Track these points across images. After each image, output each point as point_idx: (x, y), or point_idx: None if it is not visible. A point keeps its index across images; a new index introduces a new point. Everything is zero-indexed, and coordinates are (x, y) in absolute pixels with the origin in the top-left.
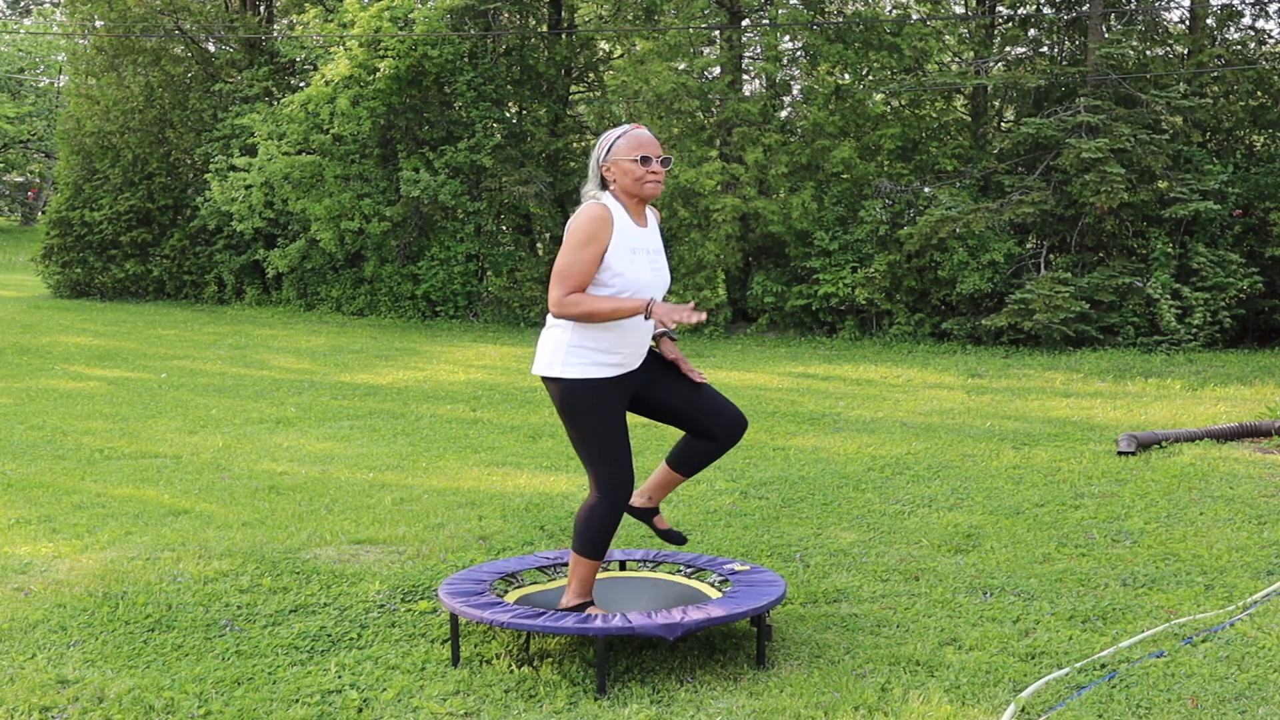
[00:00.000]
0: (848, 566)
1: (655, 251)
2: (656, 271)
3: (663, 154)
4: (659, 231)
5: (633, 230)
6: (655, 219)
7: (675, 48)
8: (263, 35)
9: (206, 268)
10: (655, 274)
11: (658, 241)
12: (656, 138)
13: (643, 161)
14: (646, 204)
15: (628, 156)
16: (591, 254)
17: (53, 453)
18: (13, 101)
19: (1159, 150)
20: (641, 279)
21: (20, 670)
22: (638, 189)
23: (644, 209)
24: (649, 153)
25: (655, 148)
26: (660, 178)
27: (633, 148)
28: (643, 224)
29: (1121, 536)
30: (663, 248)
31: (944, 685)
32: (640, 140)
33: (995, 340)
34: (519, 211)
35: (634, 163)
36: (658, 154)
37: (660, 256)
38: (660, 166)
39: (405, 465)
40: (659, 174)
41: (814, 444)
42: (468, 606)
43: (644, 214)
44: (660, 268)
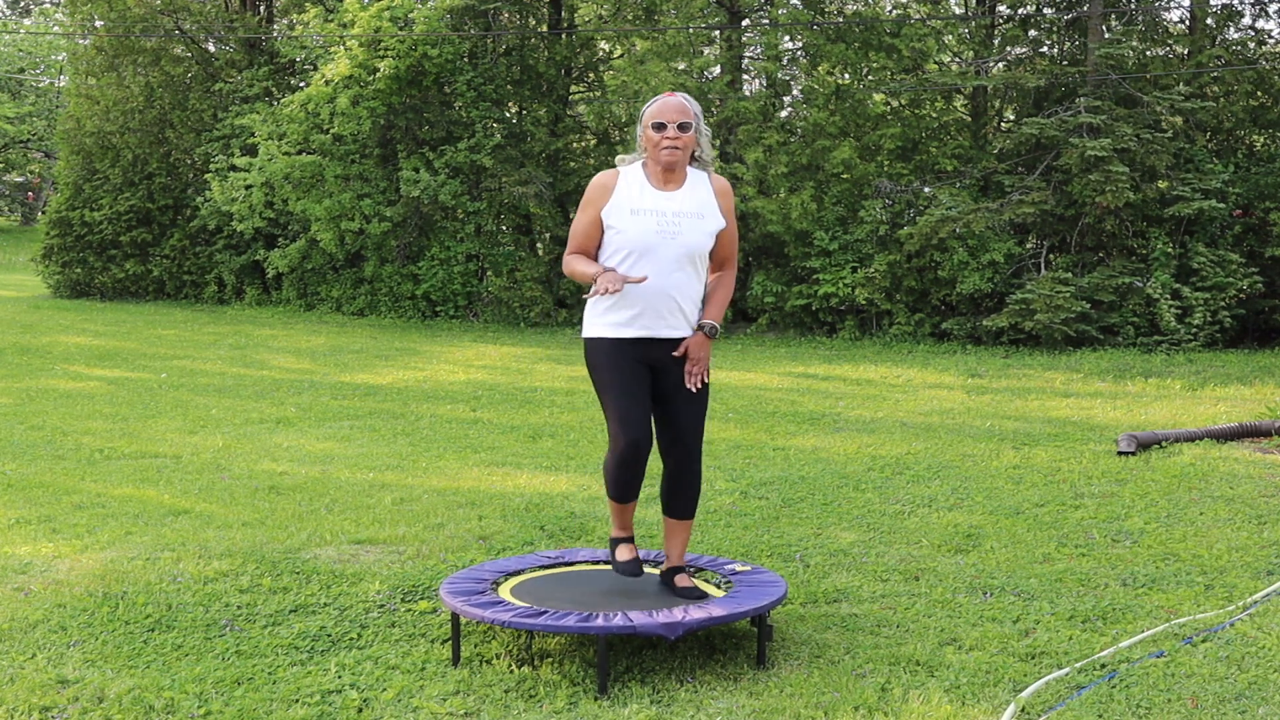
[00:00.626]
0: (848, 566)
1: (676, 214)
2: (666, 235)
3: (680, 119)
4: (707, 199)
5: (644, 193)
6: (705, 187)
7: (675, 48)
8: (263, 35)
9: (206, 268)
10: (662, 236)
11: (687, 205)
12: (689, 102)
13: (656, 128)
14: (674, 169)
15: (647, 123)
16: (587, 217)
17: (53, 453)
18: (13, 101)
19: (1160, 150)
20: (642, 239)
21: (20, 670)
22: (655, 155)
23: (675, 174)
24: (664, 118)
25: (672, 113)
26: (676, 142)
27: (651, 115)
28: (669, 187)
29: (1121, 536)
30: (705, 213)
31: (944, 685)
32: (660, 107)
33: (995, 340)
34: (519, 211)
35: (652, 129)
36: (673, 119)
37: (682, 220)
38: (678, 132)
39: (405, 465)
40: (673, 139)
41: (814, 444)
42: (468, 606)
43: (676, 179)
44: (675, 231)
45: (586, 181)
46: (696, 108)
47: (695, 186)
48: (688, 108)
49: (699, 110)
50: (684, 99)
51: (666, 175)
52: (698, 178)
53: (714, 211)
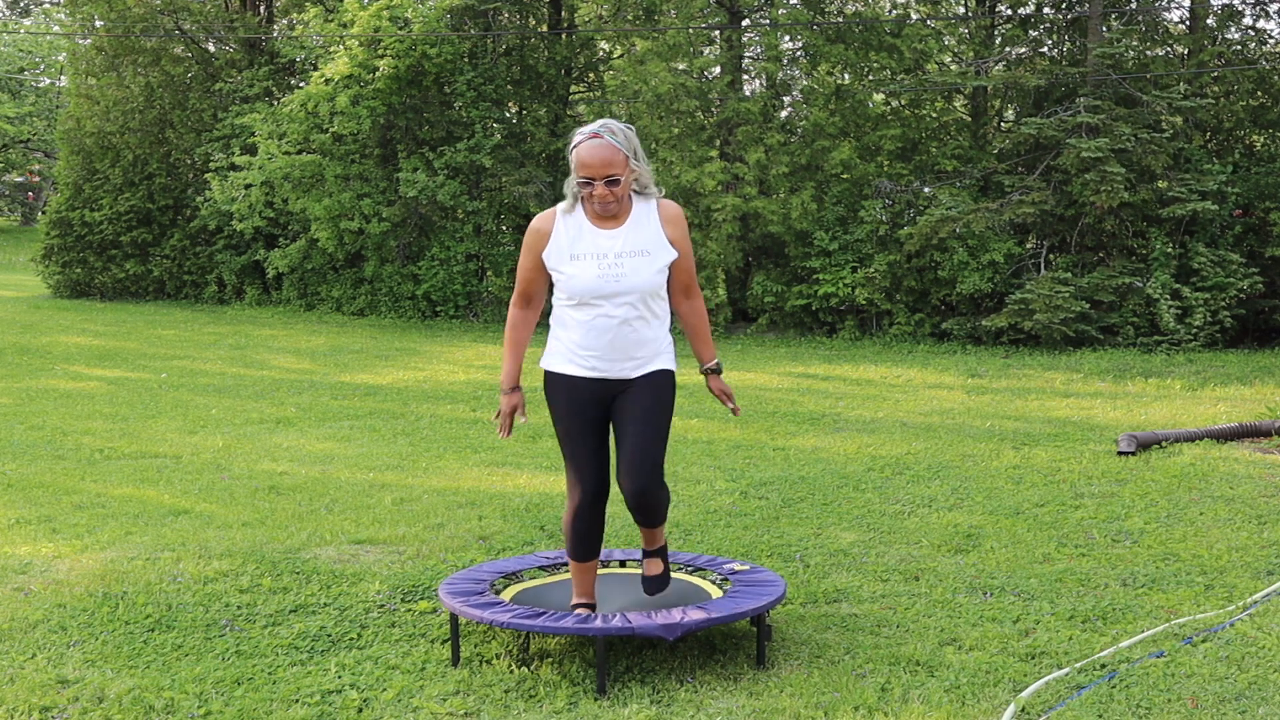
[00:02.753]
0: (848, 566)
1: (619, 256)
2: (609, 279)
3: (607, 173)
4: (653, 234)
5: (583, 235)
6: (651, 219)
7: (675, 48)
8: (263, 35)
9: (207, 268)
10: (605, 281)
11: (631, 243)
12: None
13: (582, 184)
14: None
15: (575, 170)
16: (528, 262)
17: (53, 453)
18: (13, 101)
19: (1159, 150)
20: (583, 284)
21: (20, 670)
22: (588, 205)
23: (619, 218)
24: (590, 174)
25: (598, 167)
26: (607, 199)
27: (576, 166)
28: (609, 226)
29: (1121, 536)
30: (652, 248)
31: (944, 685)
32: (584, 158)
33: (995, 340)
34: (519, 211)
35: (578, 184)
36: (600, 175)
37: (625, 261)
38: (606, 190)
39: (405, 465)
40: (604, 196)
41: (814, 444)
42: (468, 606)
43: (619, 221)
44: (619, 275)
45: None
46: (629, 143)
47: (640, 220)
48: (615, 152)
49: (633, 144)
50: (609, 140)
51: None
52: (643, 209)
53: (661, 246)
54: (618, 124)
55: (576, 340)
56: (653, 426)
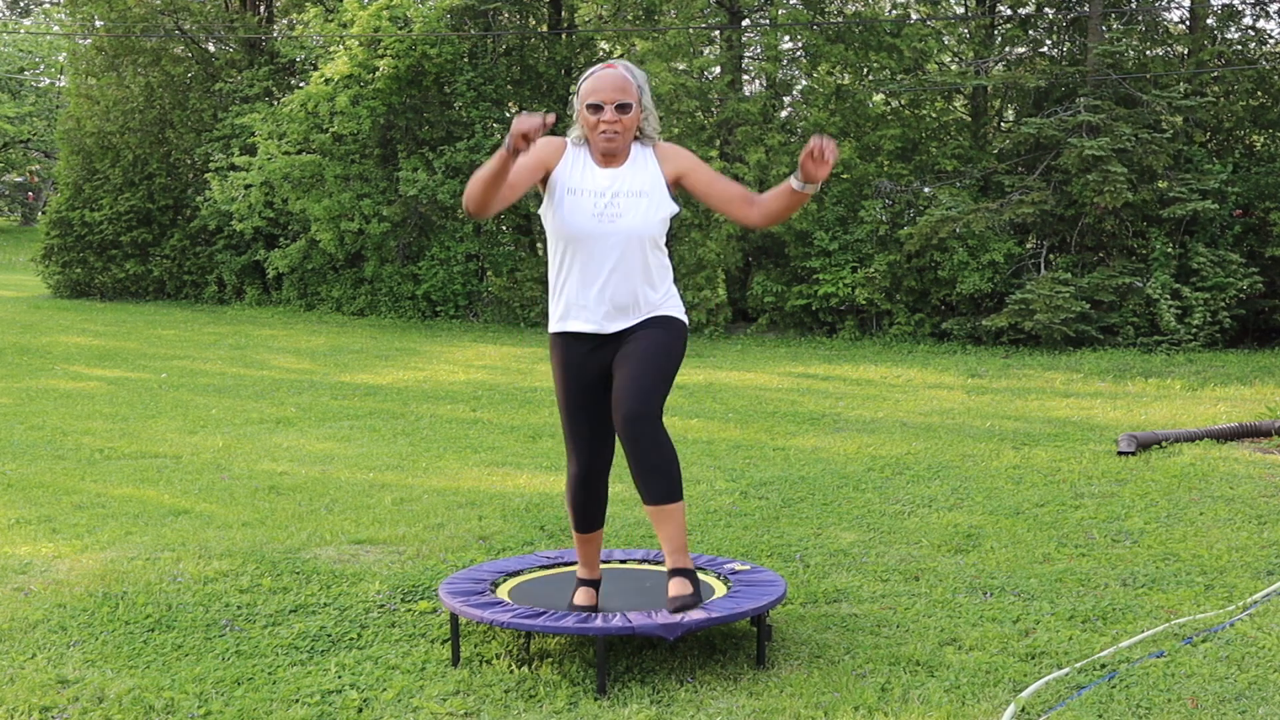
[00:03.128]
0: (848, 566)
1: (615, 195)
2: (604, 219)
3: (619, 99)
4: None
5: (583, 171)
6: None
7: (675, 48)
8: (263, 35)
9: (207, 268)
10: (599, 220)
11: (629, 183)
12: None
13: (592, 110)
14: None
15: (582, 101)
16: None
17: (53, 453)
18: (13, 101)
19: (1159, 150)
20: (577, 224)
21: (20, 670)
22: (593, 138)
23: (618, 158)
24: (600, 98)
25: (609, 91)
26: (615, 126)
27: (586, 93)
28: (610, 164)
29: (1121, 536)
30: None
31: (944, 685)
32: (596, 84)
33: (995, 340)
34: (519, 211)
35: (587, 110)
36: (610, 99)
37: (621, 201)
38: (615, 114)
39: (405, 465)
40: (611, 123)
41: (814, 444)
42: (468, 606)
43: (618, 160)
44: (615, 214)
45: None
46: (640, 78)
47: (639, 161)
48: (628, 83)
49: (643, 81)
50: (624, 70)
51: (607, 157)
52: (642, 151)
53: (659, 189)
54: (633, 64)
55: (569, 294)
56: (650, 362)
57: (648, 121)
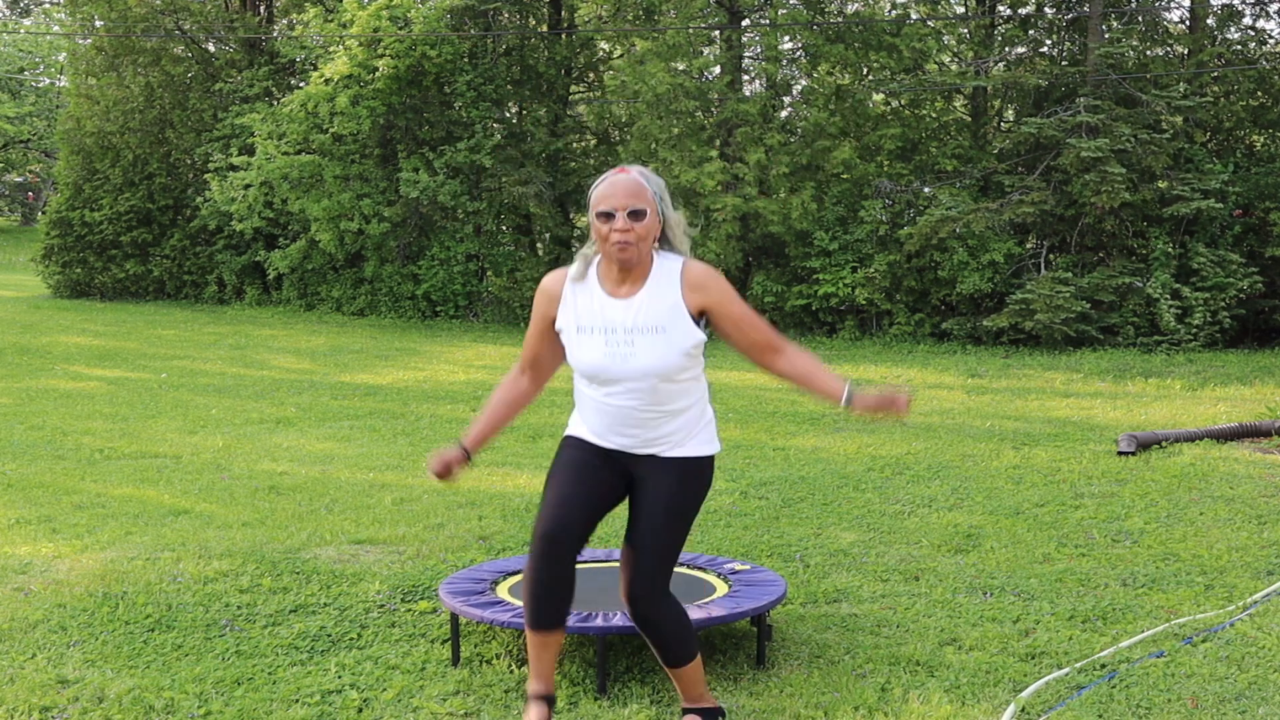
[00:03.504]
0: (848, 566)
1: (629, 331)
2: (617, 358)
3: (631, 204)
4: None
5: (594, 303)
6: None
7: (675, 48)
8: (263, 35)
9: (207, 268)
10: (613, 359)
11: (645, 317)
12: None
13: (603, 218)
14: (630, 267)
15: (593, 209)
16: (533, 328)
17: (53, 453)
18: (13, 101)
19: (1159, 150)
20: (591, 361)
21: (20, 670)
22: (606, 250)
23: (634, 274)
24: (611, 204)
25: (621, 197)
26: (628, 235)
27: (597, 200)
28: (624, 291)
29: (1121, 536)
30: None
31: (944, 685)
32: (607, 190)
33: (995, 340)
34: (519, 211)
35: (598, 219)
36: (622, 205)
37: (636, 338)
38: (628, 222)
39: (405, 465)
40: (624, 231)
41: (814, 444)
42: (468, 606)
43: (635, 277)
44: (628, 354)
45: (587, 182)
46: (657, 184)
47: (659, 287)
48: (643, 188)
49: (661, 187)
50: (639, 175)
51: (621, 276)
52: (665, 271)
53: (681, 319)
54: (649, 171)
55: (583, 413)
56: (660, 534)
57: (671, 231)
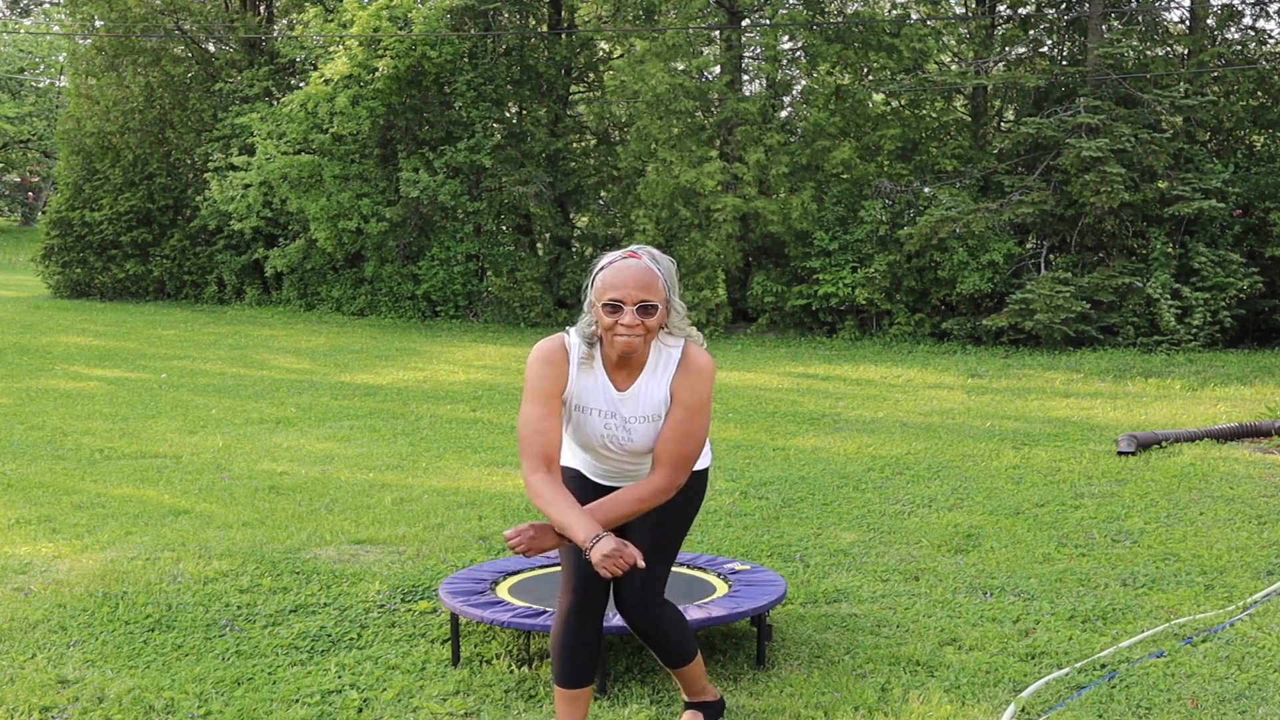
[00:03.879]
0: (848, 566)
1: (627, 420)
2: (614, 440)
3: (644, 298)
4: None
5: (597, 386)
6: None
7: (675, 48)
8: (263, 35)
9: (207, 268)
10: (610, 440)
11: (642, 408)
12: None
13: (609, 310)
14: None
15: (599, 296)
16: (538, 409)
17: (53, 453)
18: (13, 101)
19: (1159, 150)
20: (589, 437)
21: (20, 670)
22: (609, 341)
23: (634, 363)
24: (620, 295)
25: (631, 288)
26: (638, 330)
27: (603, 288)
28: (622, 378)
29: (1121, 536)
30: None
31: (944, 685)
32: (615, 277)
33: (995, 340)
34: (519, 211)
35: (604, 309)
36: (634, 299)
37: (634, 427)
38: (637, 317)
39: (405, 465)
40: (633, 326)
41: (814, 444)
42: (468, 606)
43: (635, 363)
44: (625, 438)
45: (587, 182)
46: (667, 272)
47: (655, 378)
48: (654, 278)
49: (670, 272)
50: (649, 263)
51: (623, 364)
52: (664, 362)
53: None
54: (657, 251)
55: (578, 460)
56: (661, 548)
57: (675, 318)
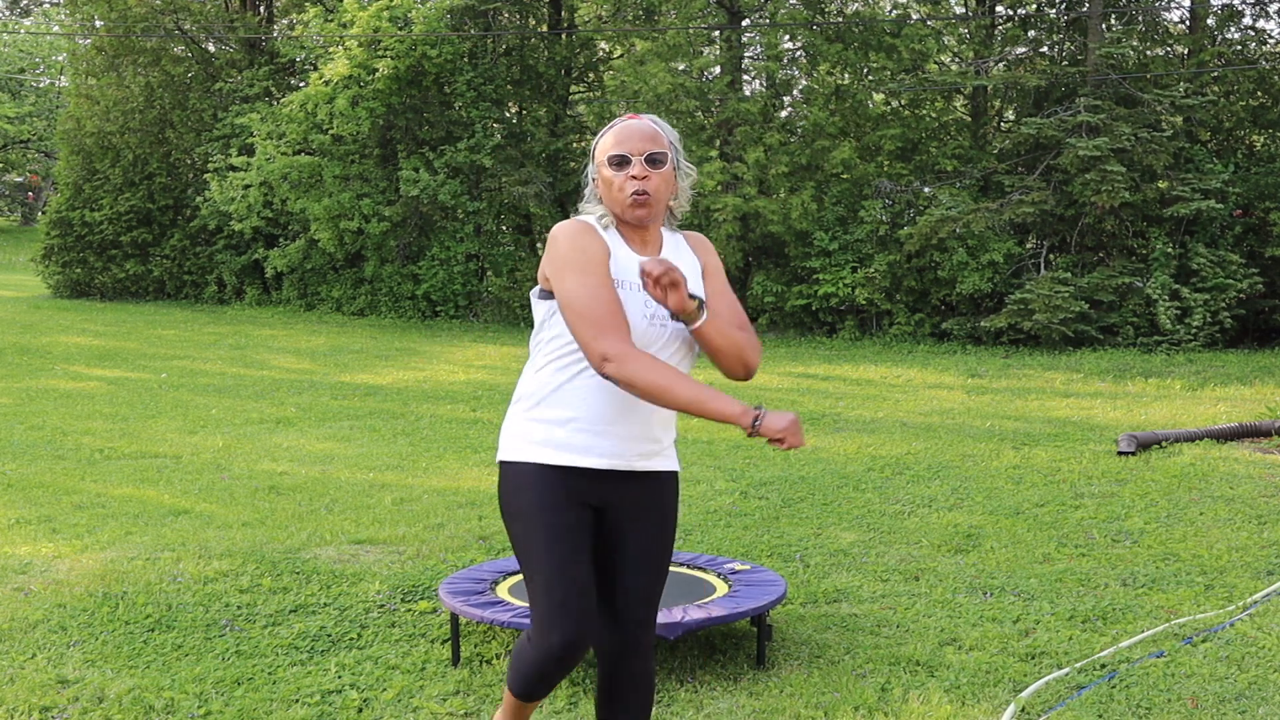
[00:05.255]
0: (848, 566)
1: None
2: (656, 319)
3: (650, 148)
4: (691, 266)
5: (627, 257)
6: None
7: (675, 48)
8: (263, 35)
9: (207, 268)
10: (654, 323)
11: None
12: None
13: (616, 164)
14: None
15: (602, 158)
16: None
17: (53, 453)
18: (13, 101)
19: (1159, 149)
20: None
21: (20, 670)
22: (619, 206)
23: (650, 234)
24: (626, 148)
25: (637, 140)
26: (646, 184)
27: (607, 146)
28: (646, 252)
29: (1121, 536)
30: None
31: (944, 685)
32: (618, 135)
33: (995, 340)
34: (519, 211)
35: (609, 167)
36: (638, 149)
37: None
38: (647, 168)
39: (405, 465)
40: (641, 178)
41: (814, 444)
42: (468, 606)
43: (651, 241)
44: (665, 313)
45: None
46: (673, 135)
47: (676, 251)
48: (658, 134)
49: (677, 138)
50: (652, 122)
51: (640, 236)
52: (671, 240)
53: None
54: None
55: (574, 413)
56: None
57: (679, 195)
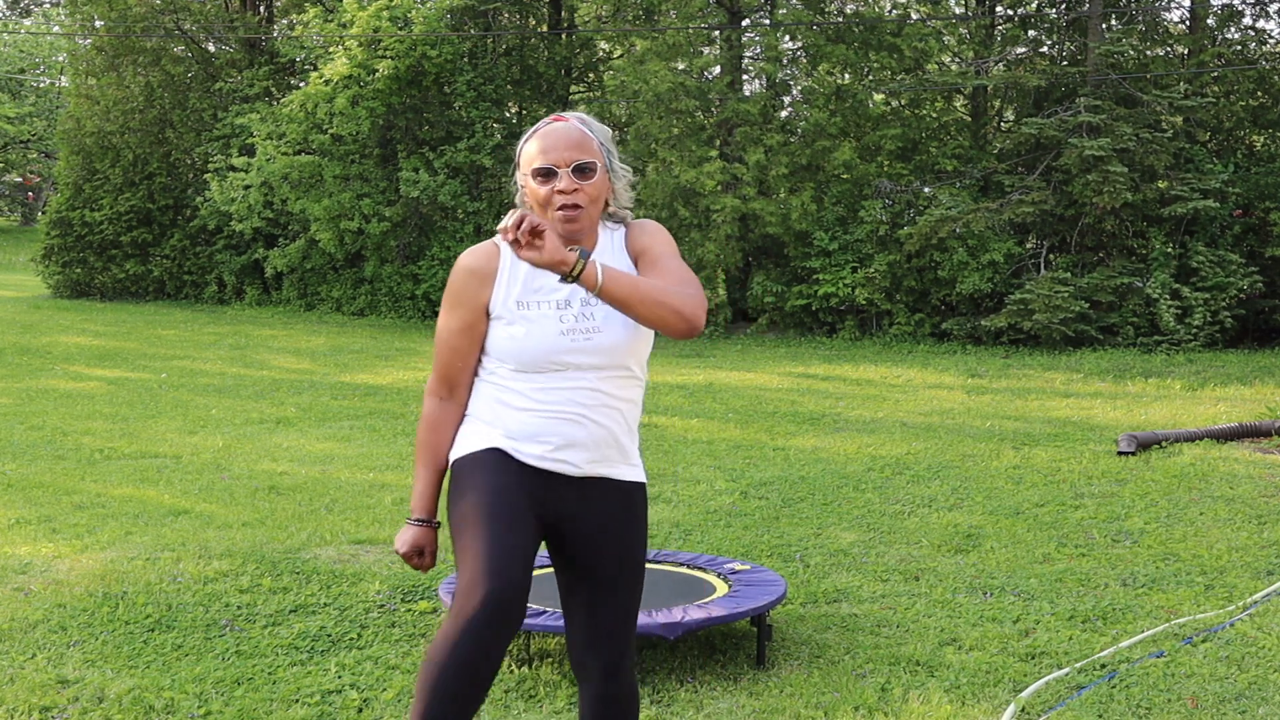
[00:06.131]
0: (848, 566)
1: (588, 302)
2: (576, 334)
3: (578, 157)
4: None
5: (536, 274)
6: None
7: (675, 48)
8: (263, 35)
9: (207, 268)
10: (570, 337)
11: None
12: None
13: (540, 176)
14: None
15: (526, 168)
16: (455, 321)
17: (53, 453)
18: (13, 101)
19: (1160, 149)
20: (539, 345)
21: (20, 670)
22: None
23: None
24: (551, 159)
25: (562, 149)
26: (575, 197)
27: (531, 156)
28: None
29: (1121, 536)
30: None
31: (944, 685)
32: (540, 143)
33: (995, 340)
34: None
35: (534, 179)
36: (566, 160)
37: (596, 311)
38: (575, 180)
39: (405, 465)
40: (568, 193)
41: (814, 444)
42: None
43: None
44: (590, 329)
45: None
46: (603, 134)
47: (611, 254)
48: (586, 138)
49: (606, 137)
50: (579, 123)
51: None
52: (615, 240)
53: None
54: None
55: (516, 427)
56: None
57: (616, 193)
